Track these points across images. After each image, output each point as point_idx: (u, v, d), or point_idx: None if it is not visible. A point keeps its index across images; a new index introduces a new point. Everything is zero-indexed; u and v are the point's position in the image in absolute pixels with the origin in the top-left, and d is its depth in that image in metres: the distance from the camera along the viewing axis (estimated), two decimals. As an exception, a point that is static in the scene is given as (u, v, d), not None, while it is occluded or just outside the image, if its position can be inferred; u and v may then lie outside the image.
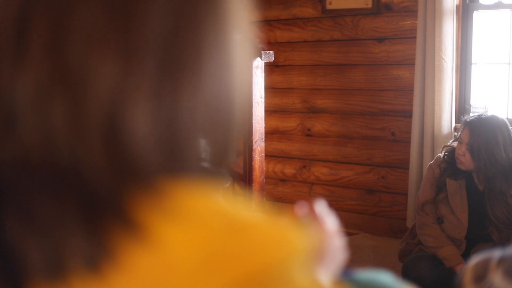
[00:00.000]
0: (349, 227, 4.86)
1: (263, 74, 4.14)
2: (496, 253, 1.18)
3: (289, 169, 5.18)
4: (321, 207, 1.05)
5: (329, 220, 1.04)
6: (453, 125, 4.22)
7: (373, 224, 4.74)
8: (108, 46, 0.56)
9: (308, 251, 0.59)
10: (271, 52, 4.09)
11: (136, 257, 0.53)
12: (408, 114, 4.46)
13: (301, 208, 1.06)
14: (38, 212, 0.55)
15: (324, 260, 1.00)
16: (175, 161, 0.58)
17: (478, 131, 3.19)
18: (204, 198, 0.57)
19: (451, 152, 3.32)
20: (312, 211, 1.04)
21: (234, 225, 0.55)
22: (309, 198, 5.04)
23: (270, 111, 5.24)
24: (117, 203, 0.55)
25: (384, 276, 1.19)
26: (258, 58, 4.08)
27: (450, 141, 3.45)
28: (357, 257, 4.09)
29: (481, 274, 1.15)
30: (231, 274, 0.53)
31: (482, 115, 3.31)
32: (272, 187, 5.25)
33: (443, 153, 3.37)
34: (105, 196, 0.55)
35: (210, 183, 0.59)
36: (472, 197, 3.27)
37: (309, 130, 5.07)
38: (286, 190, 5.19)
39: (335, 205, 4.94)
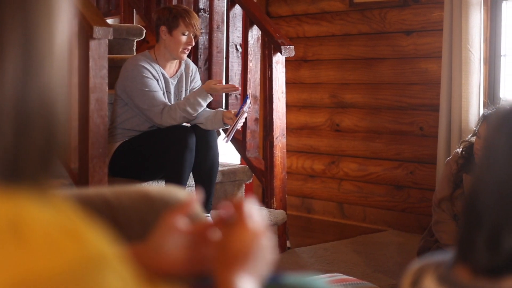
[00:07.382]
0: (378, 223, 4.78)
1: (283, 69, 4.10)
2: (436, 257, 1.13)
3: (318, 165, 5.13)
4: (250, 206, 1.01)
5: (258, 219, 1.00)
6: (481, 119, 4.10)
7: (402, 220, 4.65)
8: None
9: (114, 256, 0.56)
10: (291, 46, 4.04)
11: None
12: (436, 108, 4.35)
13: (226, 208, 1.03)
14: None
15: (250, 260, 0.96)
16: None
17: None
18: None
19: (469, 147, 3.23)
20: (239, 210, 1.00)
21: (16, 231, 0.52)
22: (338, 194, 4.98)
23: (298, 107, 5.19)
24: None
25: (315, 281, 1.15)
26: (278, 53, 4.03)
27: (469, 136, 3.35)
28: (381, 254, 4.02)
29: (417, 278, 1.10)
30: (1, 279, 0.50)
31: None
32: (301, 183, 5.20)
33: (461, 149, 3.28)
34: None
35: (9, 184, 0.55)
36: (489, 193, 3.16)
37: (337, 125, 5.01)
38: (315, 186, 5.14)
39: (364, 202, 4.86)
